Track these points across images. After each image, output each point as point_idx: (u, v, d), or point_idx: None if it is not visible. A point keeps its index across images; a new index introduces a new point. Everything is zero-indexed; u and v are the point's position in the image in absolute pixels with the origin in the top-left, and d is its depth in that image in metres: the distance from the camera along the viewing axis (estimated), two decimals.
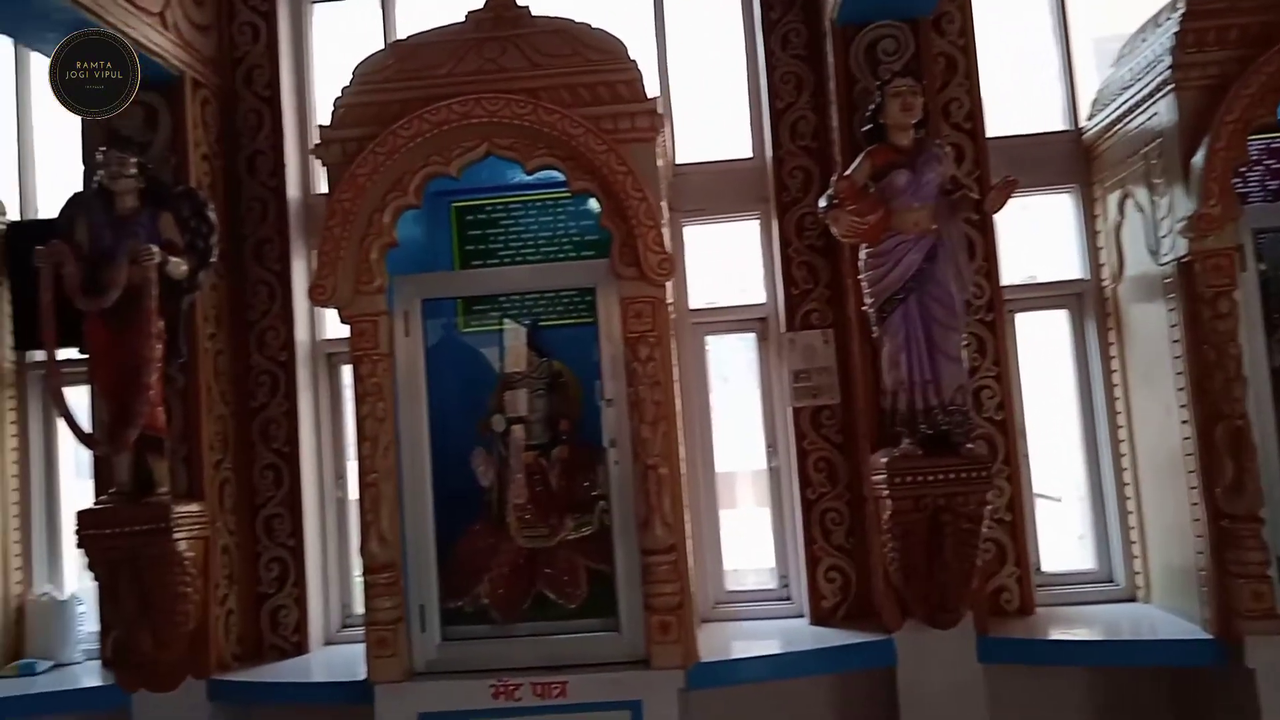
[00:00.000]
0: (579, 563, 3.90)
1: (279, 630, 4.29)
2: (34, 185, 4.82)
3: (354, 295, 3.65)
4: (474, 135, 3.66)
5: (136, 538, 3.71)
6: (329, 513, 4.52)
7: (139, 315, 3.70)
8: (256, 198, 4.46)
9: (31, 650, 4.39)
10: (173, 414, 3.95)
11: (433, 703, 3.57)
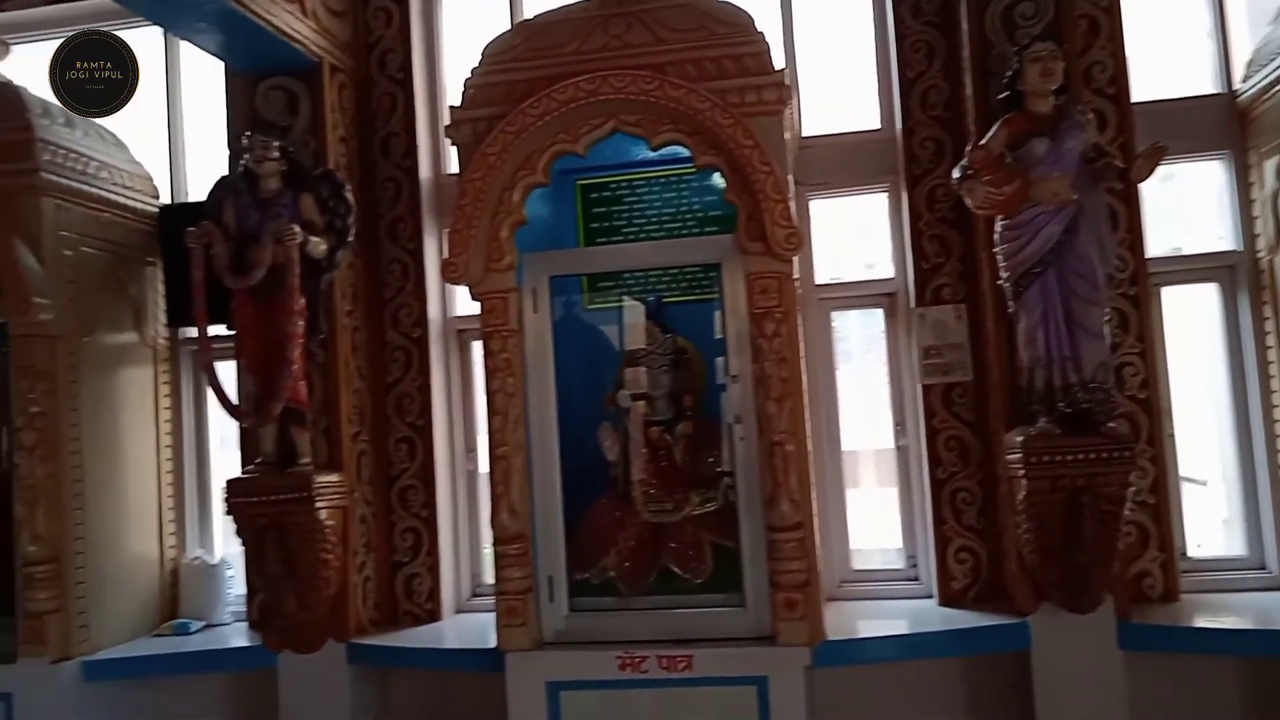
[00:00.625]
0: (703, 538, 3.92)
1: (413, 597, 4.44)
2: (184, 170, 5.06)
3: (485, 273, 3.72)
4: (600, 112, 3.67)
5: (281, 506, 3.89)
6: (460, 484, 4.64)
7: (282, 293, 3.86)
8: (390, 178, 4.59)
9: (185, 611, 4.66)
10: (314, 388, 4.12)
11: (561, 672, 3.64)
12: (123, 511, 4.44)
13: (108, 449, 4.36)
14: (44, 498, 4.00)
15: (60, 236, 4.17)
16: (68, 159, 4.24)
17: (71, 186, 4.24)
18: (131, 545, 4.49)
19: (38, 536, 3.98)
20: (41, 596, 3.99)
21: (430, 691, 4.32)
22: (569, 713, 3.61)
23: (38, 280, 3.99)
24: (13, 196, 4.06)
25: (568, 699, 3.62)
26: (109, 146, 4.57)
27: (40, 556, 3.98)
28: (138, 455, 4.57)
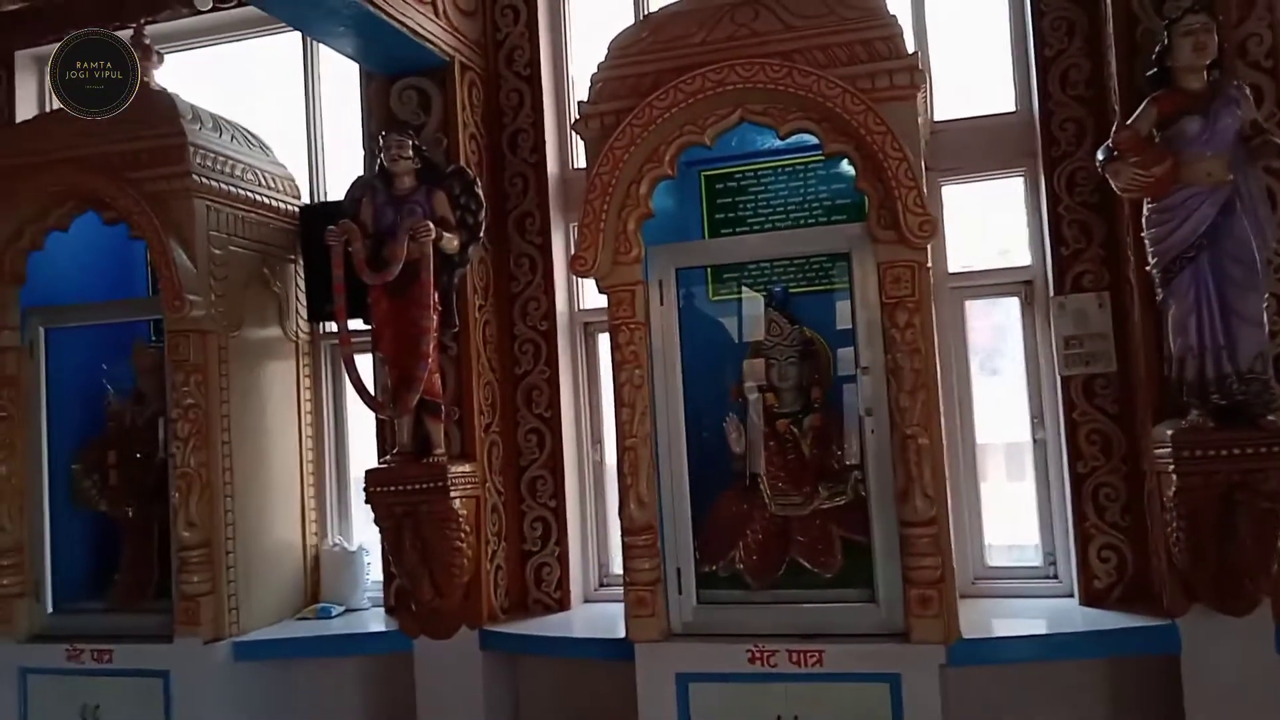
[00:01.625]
0: (833, 532, 3.86)
1: (543, 586, 4.51)
2: (322, 171, 5.25)
3: (612, 266, 3.74)
4: (727, 103, 3.65)
5: (417, 495, 4.00)
6: (587, 475, 4.70)
7: (417, 288, 3.97)
8: (518, 173, 4.66)
9: (326, 595, 4.84)
10: (447, 380, 4.22)
11: (690, 664, 3.64)
12: (268, 499, 4.64)
13: (254, 439, 4.56)
14: (197, 485, 4.21)
15: (210, 236, 4.37)
16: (216, 162, 4.44)
17: (220, 188, 4.44)
18: (276, 531, 4.69)
19: (191, 522, 4.19)
20: (195, 579, 4.19)
21: (559, 679, 4.39)
22: (698, 704, 3.61)
23: (191, 279, 4.20)
24: (167, 199, 4.27)
25: (696, 690, 3.62)
26: (253, 149, 4.78)
27: (194, 541, 4.19)
28: (281, 445, 4.77)
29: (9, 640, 4.42)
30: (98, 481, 4.66)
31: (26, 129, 4.70)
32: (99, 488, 4.66)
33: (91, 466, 4.67)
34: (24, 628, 4.44)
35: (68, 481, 4.67)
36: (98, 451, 4.68)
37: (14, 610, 4.42)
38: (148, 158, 4.30)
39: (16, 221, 4.42)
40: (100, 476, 4.66)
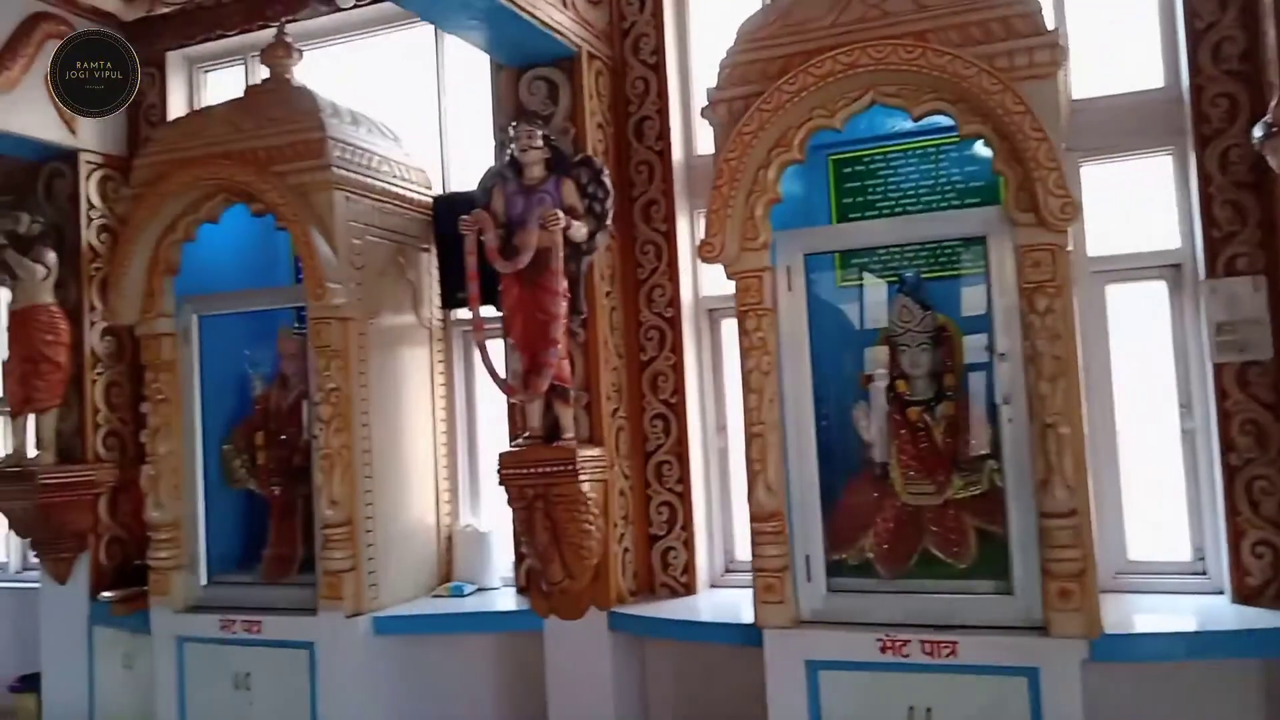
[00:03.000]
0: (967, 522, 3.79)
1: (669, 570, 4.55)
2: (452, 162, 5.38)
3: (740, 252, 3.73)
4: (858, 85, 3.59)
5: (548, 478, 4.07)
6: (712, 461, 4.71)
7: (547, 275, 4.03)
8: (644, 161, 4.69)
9: (459, 574, 4.99)
10: (575, 365, 4.29)
11: (820, 651, 3.62)
12: (404, 480, 4.80)
13: (391, 422, 4.72)
14: (339, 466, 4.38)
15: (349, 226, 4.53)
16: (354, 155, 4.60)
17: (358, 180, 4.59)
18: (412, 511, 4.85)
19: (334, 501, 4.37)
20: (337, 556, 4.38)
21: (685, 662, 4.43)
22: (828, 692, 3.60)
23: (332, 268, 4.36)
24: (309, 191, 4.45)
25: (826, 678, 3.60)
26: (388, 142, 4.93)
27: (336, 519, 4.37)
28: (416, 428, 4.93)
29: (167, 610, 4.70)
30: (247, 461, 4.92)
31: (180, 126, 4.95)
32: (248, 467, 4.91)
33: (241, 447, 4.93)
34: (181, 599, 4.72)
35: (219, 461, 4.93)
36: (247, 433, 4.94)
37: (172, 582, 4.70)
38: (291, 152, 4.49)
39: (171, 215, 4.67)
40: (249, 456, 4.91)
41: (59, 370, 5.28)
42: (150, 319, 4.70)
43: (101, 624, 5.33)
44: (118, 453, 5.55)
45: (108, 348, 5.55)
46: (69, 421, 5.42)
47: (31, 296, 5.26)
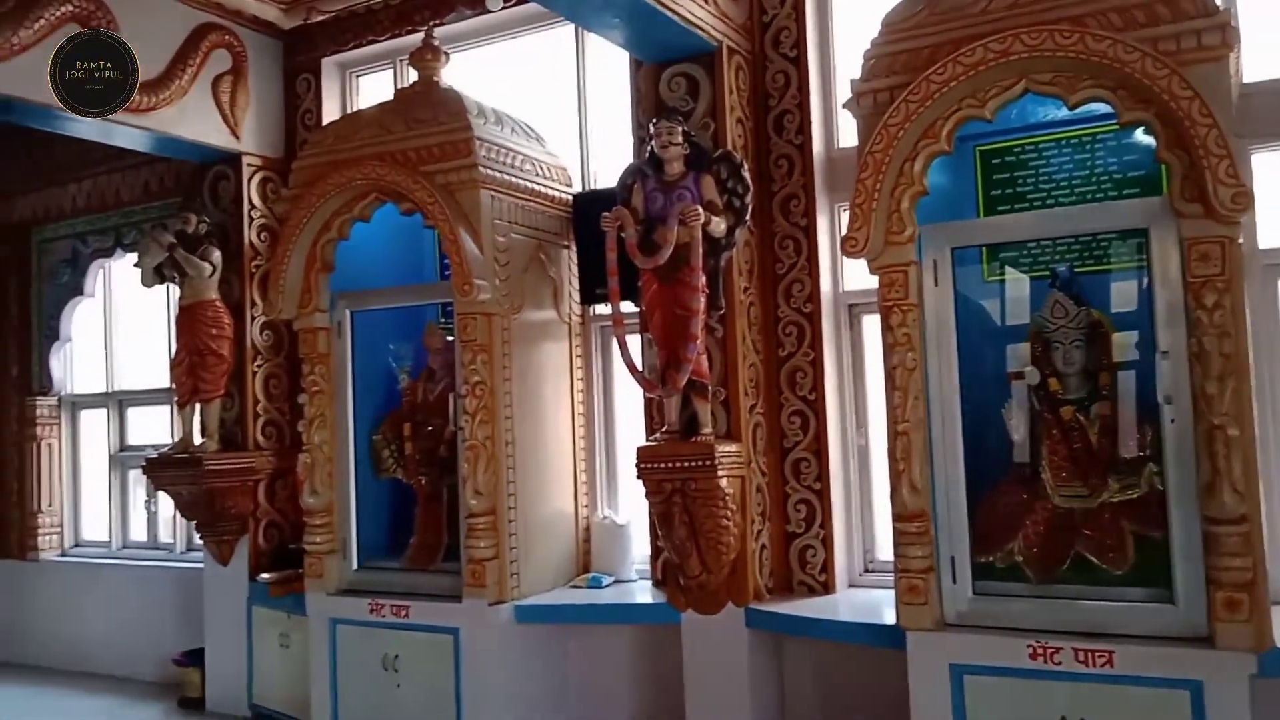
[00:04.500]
0: (1123, 526, 3.63)
1: (807, 568, 4.51)
2: (592, 159, 5.45)
3: (884, 246, 3.66)
4: (1010, 73, 3.48)
5: (686, 472, 4.08)
6: (851, 459, 4.65)
7: (686, 271, 4.04)
8: (783, 155, 4.65)
9: (596, 566, 5.07)
10: (713, 361, 4.29)
11: (965, 655, 3.53)
12: (544, 472, 4.90)
13: (532, 415, 4.82)
14: (483, 457, 4.50)
15: (494, 224, 4.64)
16: (499, 154, 4.72)
17: (502, 179, 4.71)
18: (552, 503, 4.95)
19: (478, 491, 4.49)
20: (481, 544, 4.50)
21: (824, 661, 4.39)
22: (974, 697, 3.50)
23: (478, 265, 4.48)
24: (456, 190, 4.58)
25: (972, 683, 3.51)
26: (530, 141, 5.03)
27: (480, 509, 4.49)
28: (555, 421, 5.02)
29: (321, 593, 4.91)
30: (395, 451, 5.10)
31: (334, 129, 5.15)
32: (396, 457, 5.10)
33: (390, 437, 5.12)
34: (334, 582, 4.93)
35: (369, 451, 5.13)
36: (395, 424, 5.12)
37: (326, 566, 4.91)
38: (439, 152, 4.63)
39: (327, 214, 4.87)
40: (397, 447, 5.09)
41: (223, 362, 5.60)
42: (307, 314, 4.92)
43: (260, 604, 5.62)
44: (275, 441, 5.85)
45: (267, 341, 5.86)
46: (231, 411, 5.74)
47: (198, 293, 5.59)
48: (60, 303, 7.23)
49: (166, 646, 6.32)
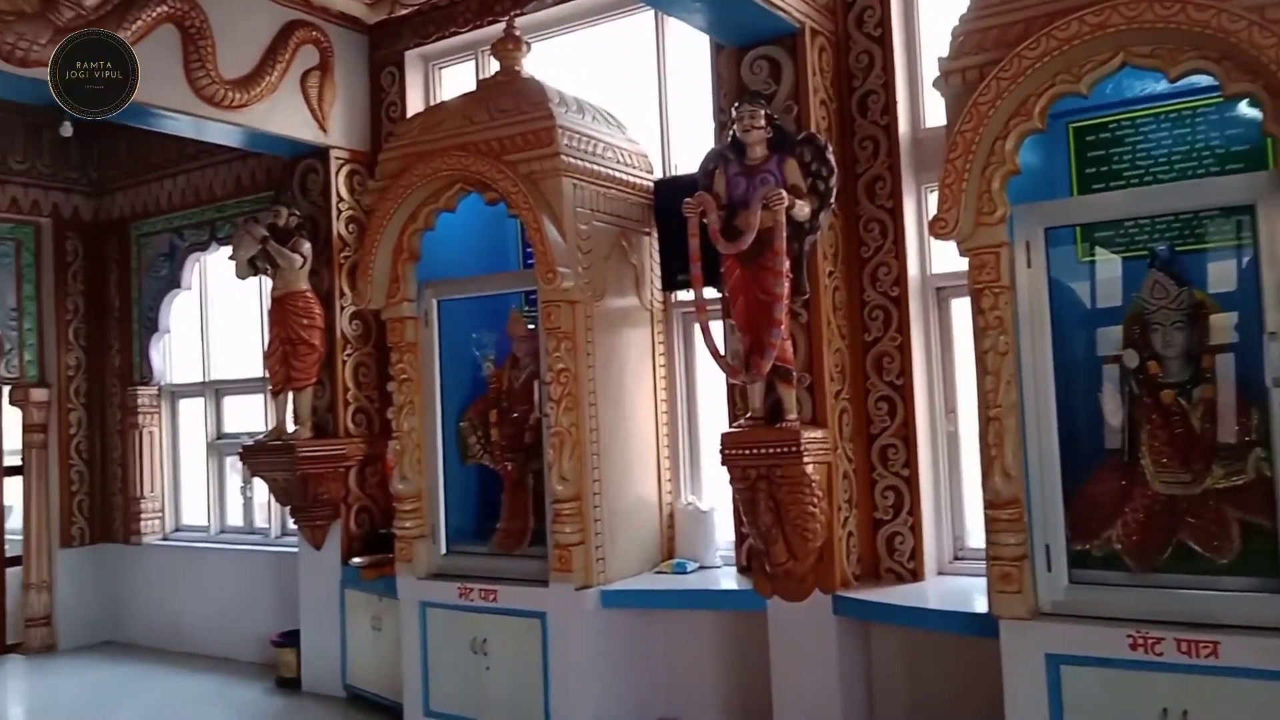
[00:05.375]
0: (1229, 514, 3.49)
1: (895, 556, 4.46)
2: (673, 145, 5.44)
3: (975, 227, 3.58)
4: (1107, 47, 3.37)
5: (771, 459, 4.07)
6: (940, 445, 4.57)
7: (770, 256, 4.02)
8: (868, 137, 4.58)
9: (680, 552, 5.08)
10: (797, 346, 4.26)
11: (1061, 645, 3.45)
12: (628, 458, 4.92)
13: (615, 401, 4.84)
14: (568, 443, 4.54)
15: (576, 212, 4.67)
16: (580, 142, 4.73)
17: (584, 167, 4.72)
18: (636, 489, 4.97)
19: (564, 477, 4.53)
20: (567, 530, 4.54)
21: (913, 650, 4.34)
22: (1071, 688, 3.42)
23: (561, 253, 4.51)
24: (539, 179, 4.61)
25: (1069, 674, 3.43)
26: (611, 128, 5.04)
27: (566, 495, 4.53)
28: (638, 408, 5.04)
29: (411, 577, 5.01)
30: (481, 438, 5.18)
31: (418, 121, 5.22)
32: (482, 443, 5.17)
33: (476, 424, 5.20)
34: (423, 566, 5.02)
35: (456, 437, 5.21)
36: (481, 410, 5.20)
37: (416, 550, 5.00)
38: (522, 141, 4.66)
39: (413, 205, 4.94)
40: (483, 433, 5.17)
41: (314, 351, 5.73)
42: (395, 303, 5.01)
43: (352, 587, 5.76)
44: (365, 428, 5.98)
45: (356, 330, 5.99)
46: (323, 399, 5.88)
47: (290, 284, 5.73)
48: (159, 295, 7.49)
49: (263, 628, 6.52)
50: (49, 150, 7.43)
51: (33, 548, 7.43)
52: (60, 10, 4.64)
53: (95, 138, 7.55)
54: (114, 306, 7.71)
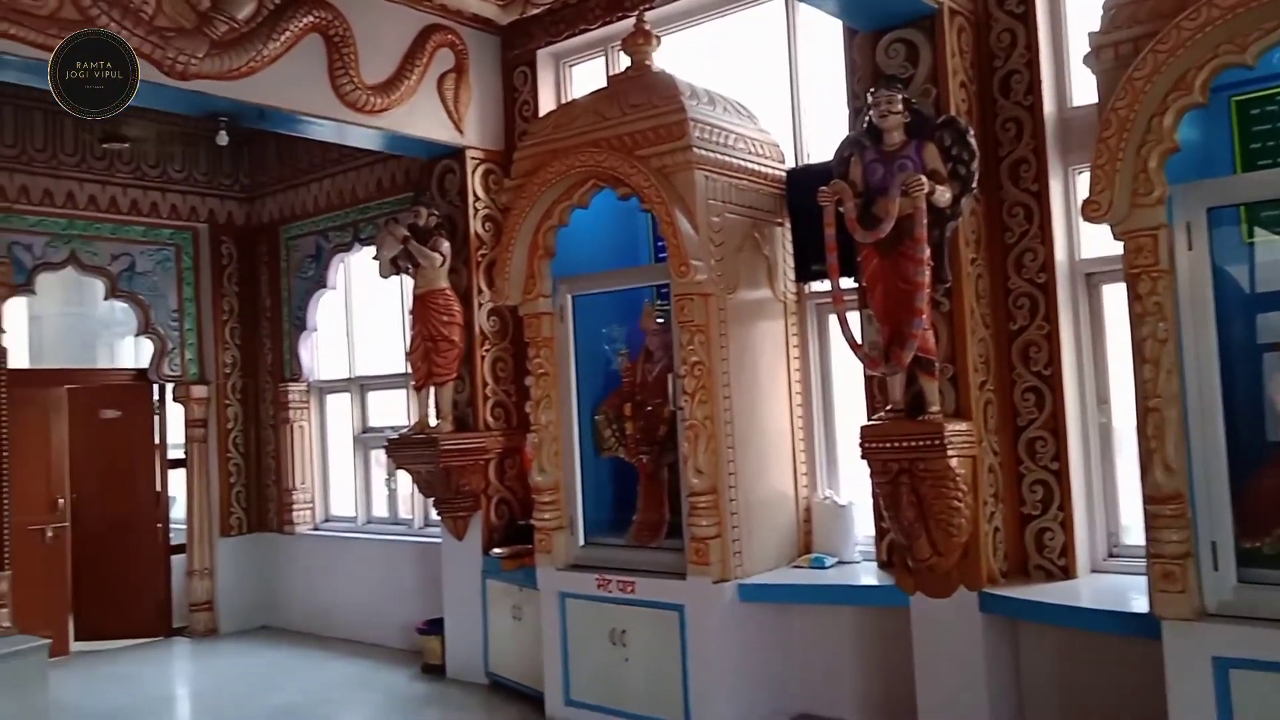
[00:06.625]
0: None
1: (1044, 552, 4.30)
2: (805, 134, 5.36)
3: (1130, 209, 3.42)
4: (1275, 14, 3.16)
5: (913, 452, 3.98)
6: (1092, 438, 4.38)
7: (910, 244, 3.94)
8: (1011, 118, 4.42)
9: (818, 546, 5.03)
10: (939, 336, 4.15)
11: (1230, 647, 3.27)
12: (763, 451, 4.89)
13: (749, 394, 4.81)
14: (703, 436, 4.54)
15: (709, 205, 4.65)
16: (712, 134, 4.72)
17: (716, 158, 4.70)
18: (771, 482, 4.93)
19: (699, 470, 4.53)
20: (704, 523, 4.54)
21: (1065, 650, 4.18)
22: (1241, 693, 3.24)
23: (694, 246, 4.50)
24: (672, 172, 4.62)
25: (1239, 678, 3.24)
26: (742, 119, 5.00)
27: (702, 488, 4.53)
28: (773, 400, 4.99)
29: (550, 568, 5.10)
30: (616, 431, 5.22)
31: (551, 119, 5.29)
32: (618, 436, 5.22)
33: (611, 417, 5.25)
34: (562, 557, 5.10)
35: (592, 430, 5.27)
36: (616, 404, 5.24)
37: (555, 542, 5.09)
38: (654, 135, 4.67)
39: (548, 202, 5.02)
40: (618, 426, 5.21)
41: (454, 348, 5.88)
42: (531, 299, 5.10)
43: (493, 577, 5.89)
44: (503, 422, 6.11)
45: (493, 326, 6.12)
46: (463, 394, 6.03)
47: (430, 282, 5.89)
48: (306, 295, 7.82)
49: (408, 615, 6.74)
50: (205, 159, 7.84)
51: (195, 536, 7.87)
52: (215, 25, 4.90)
53: (247, 146, 7.92)
54: (265, 306, 8.09)
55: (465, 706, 5.72)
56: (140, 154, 7.49)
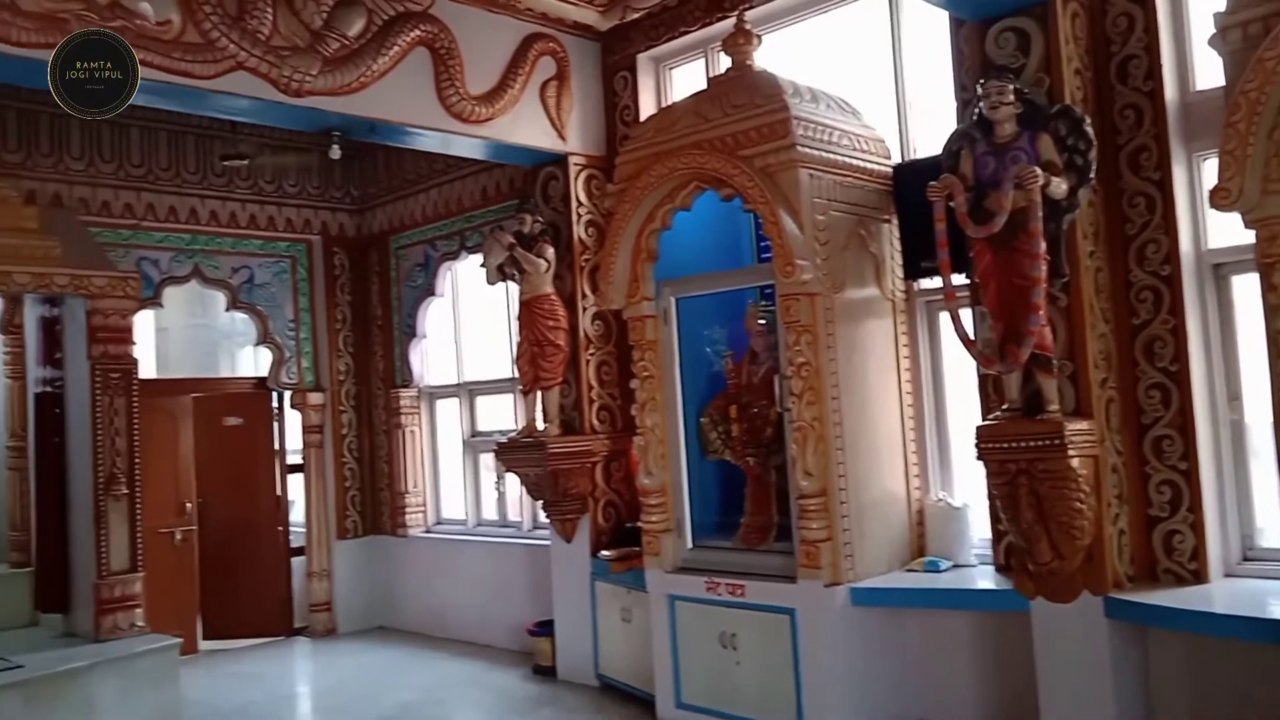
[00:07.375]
0: None
1: (1173, 555, 4.11)
2: (911, 129, 5.26)
3: (1262, 195, 3.26)
4: None
5: (1032, 452, 3.86)
6: (1223, 436, 4.18)
7: (1024, 238, 3.82)
8: (1129, 105, 4.25)
9: (932, 549, 4.92)
10: (1057, 332, 4.01)
11: None
12: (874, 452, 4.80)
13: (858, 395, 4.74)
14: (812, 437, 4.49)
15: (813, 203, 4.60)
16: (815, 131, 4.66)
17: (820, 156, 4.65)
18: (882, 484, 4.84)
19: (808, 472, 4.48)
20: (814, 526, 4.49)
21: (1198, 657, 3.99)
22: None
23: (799, 245, 4.46)
24: (775, 172, 4.58)
25: None
26: (846, 115, 4.93)
27: (811, 490, 4.48)
28: (882, 400, 4.91)
29: (659, 570, 5.11)
30: (722, 433, 5.20)
31: (652, 123, 5.30)
32: (724, 438, 5.20)
33: (717, 419, 5.23)
34: (670, 560, 5.11)
35: (697, 433, 5.26)
36: (721, 406, 5.23)
37: (663, 544, 5.10)
38: (756, 135, 4.64)
39: (650, 205, 5.03)
40: (724, 429, 5.19)
41: (560, 352, 5.94)
42: (635, 303, 5.12)
43: (602, 579, 5.93)
44: (609, 425, 6.16)
45: (598, 331, 6.17)
46: (569, 397, 6.10)
47: (536, 288, 5.97)
48: (416, 302, 8.01)
49: (519, 617, 6.83)
50: (317, 172, 8.10)
51: (313, 539, 8.13)
52: (328, 43, 5.06)
53: (357, 159, 8.16)
54: (376, 315, 8.31)
55: (577, 708, 5.76)
56: (257, 170, 7.78)
